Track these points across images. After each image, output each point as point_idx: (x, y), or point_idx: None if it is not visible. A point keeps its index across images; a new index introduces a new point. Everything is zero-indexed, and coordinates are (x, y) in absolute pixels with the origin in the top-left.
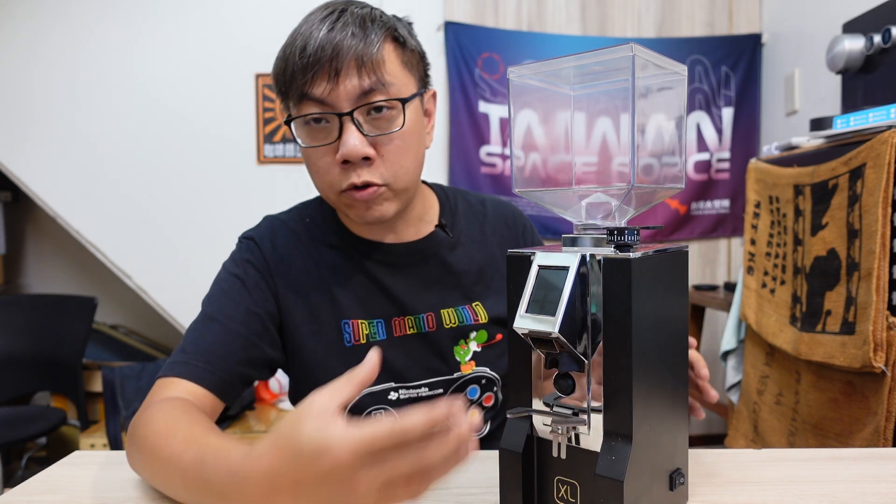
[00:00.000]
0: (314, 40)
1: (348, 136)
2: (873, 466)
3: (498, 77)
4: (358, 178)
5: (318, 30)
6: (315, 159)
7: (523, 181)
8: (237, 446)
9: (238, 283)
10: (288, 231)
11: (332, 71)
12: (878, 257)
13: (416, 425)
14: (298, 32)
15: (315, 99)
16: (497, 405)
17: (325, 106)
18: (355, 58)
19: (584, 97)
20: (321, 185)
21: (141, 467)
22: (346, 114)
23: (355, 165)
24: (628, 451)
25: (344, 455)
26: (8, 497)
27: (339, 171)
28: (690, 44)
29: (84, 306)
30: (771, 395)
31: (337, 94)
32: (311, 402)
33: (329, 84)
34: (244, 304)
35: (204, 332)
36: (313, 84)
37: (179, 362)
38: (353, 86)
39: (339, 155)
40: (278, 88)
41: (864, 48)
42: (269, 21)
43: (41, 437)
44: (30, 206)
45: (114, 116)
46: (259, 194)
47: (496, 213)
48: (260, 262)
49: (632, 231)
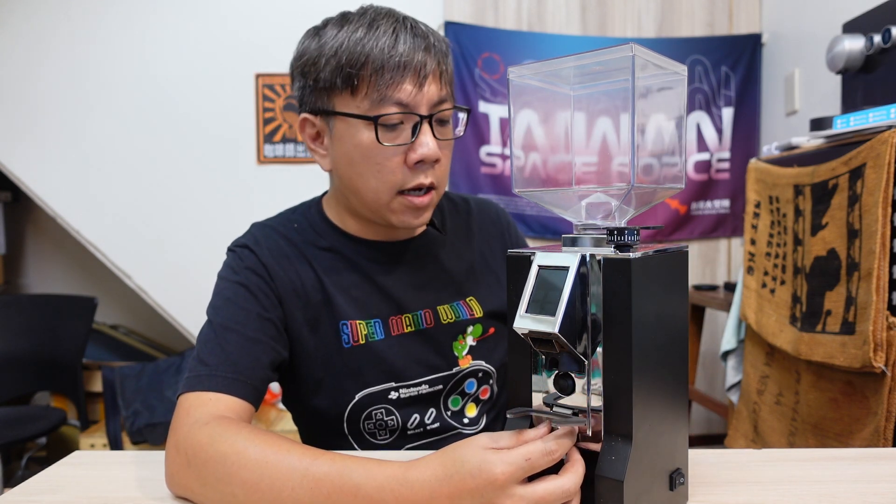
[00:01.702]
0: (403, 43)
1: (427, 138)
2: (873, 466)
3: (498, 77)
4: (426, 178)
5: (403, 34)
6: (383, 158)
7: (523, 181)
8: (384, 458)
9: (243, 290)
10: (279, 236)
11: (420, 75)
12: (878, 257)
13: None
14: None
15: (399, 102)
16: (493, 397)
17: (407, 108)
18: (438, 68)
19: (584, 97)
20: (379, 184)
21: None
22: (426, 117)
23: (425, 167)
24: (628, 451)
25: (500, 470)
26: (8, 497)
27: (408, 172)
28: (690, 44)
29: (84, 306)
30: (771, 395)
31: (420, 98)
32: (478, 437)
33: (415, 89)
34: (254, 311)
35: (222, 342)
36: (400, 86)
37: (206, 375)
38: (434, 93)
39: (417, 155)
40: (335, 81)
41: (864, 48)
42: (269, 21)
43: (41, 437)
44: (30, 206)
45: (114, 116)
46: (259, 194)
47: (480, 210)
48: (259, 268)
49: (632, 231)
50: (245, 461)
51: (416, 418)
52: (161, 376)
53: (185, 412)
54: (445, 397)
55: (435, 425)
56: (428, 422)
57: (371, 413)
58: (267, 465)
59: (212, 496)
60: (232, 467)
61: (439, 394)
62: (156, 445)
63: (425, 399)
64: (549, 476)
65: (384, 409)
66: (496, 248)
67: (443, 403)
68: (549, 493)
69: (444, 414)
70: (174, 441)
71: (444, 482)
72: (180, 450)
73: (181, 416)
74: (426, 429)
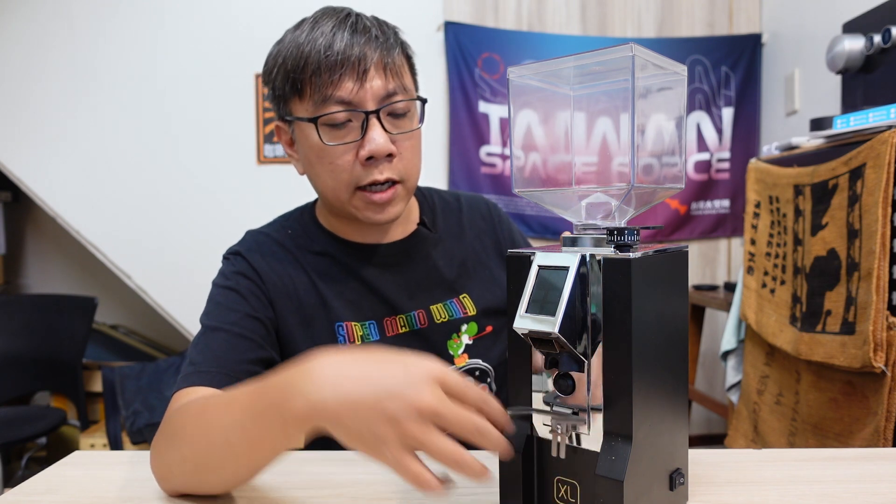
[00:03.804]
0: (340, 41)
1: (375, 134)
2: (873, 466)
3: (498, 77)
4: (381, 174)
5: (340, 30)
6: (334, 157)
7: (523, 181)
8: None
9: (233, 293)
10: (272, 242)
11: (360, 71)
12: (878, 257)
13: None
14: (314, 33)
15: (341, 100)
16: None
17: (350, 106)
18: (381, 60)
19: (584, 97)
20: (335, 183)
21: (180, 448)
22: (372, 112)
23: (378, 163)
24: (628, 451)
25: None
26: (8, 497)
27: (360, 169)
28: (690, 44)
29: (84, 306)
30: (771, 395)
31: (364, 94)
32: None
33: (356, 85)
34: (243, 311)
35: (209, 342)
36: (340, 84)
37: (192, 374)
38: (379, 87)
39: (366, 151)
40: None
41: (864, 48)
42: (269, 21)
43: (41, 437)
44: (30, 206)
45: (114, 116)
46: (259, 194)
47: (471, 207)
48: (250, 273)
49: (632, 231)
50: (187, 417)
51: None
52: (161, 376)
53: (169, 408)
54: None
55: None
56: None
57: None
58: (201, 415)
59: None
60: (178, 428)
61: None
62: None
63: None
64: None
65: None
66: (488, 244)
67: None
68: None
69: None
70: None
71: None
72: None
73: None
74: None
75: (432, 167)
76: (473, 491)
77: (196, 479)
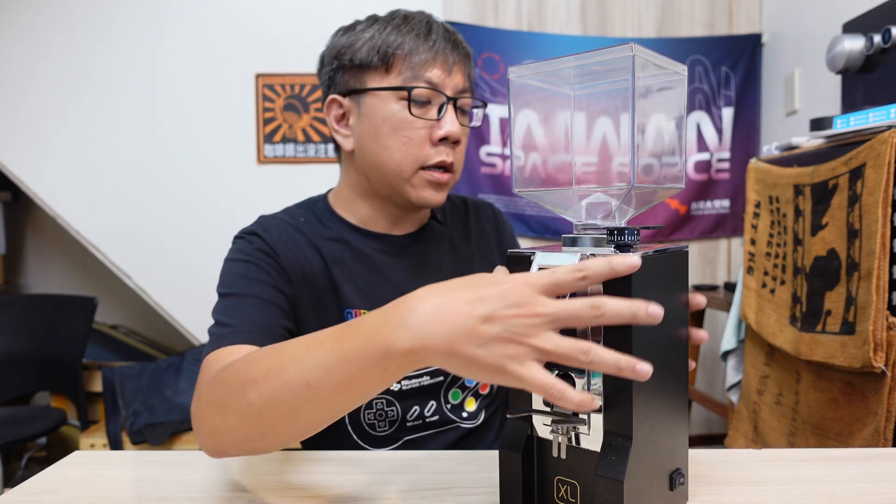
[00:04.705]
0: (437, 31)
1: (452, 118)
2: (873, 466)
3: (498, 77)
4: (448, 157)
5: (437, 25)
6: (410, 131)
7: (523, 181)
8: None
9: (253, 266)
10: (285, 226)
11: (450, 61)
12: (878, 257)
13: (595, 264)
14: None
15: (430, 81)
16: (492, 392)
17: (435, 87)
18: (462, 60)
19: (584, 97)
20: (403, 157)
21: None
22: (453, 98)
23: (448, 146)
24: (628, 451)
25: (525, 278)
26: (8, 497)
27: (431, 148)
28: (690, 44)
29: (84, 306)
30: (771, 395)
31: (448, 82)
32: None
33: (444, 73)
34: (266, 282)
35: (238, 307)
36: (433, 66)
37: (228, 334)
38: (459, 81)
39: (443, 132)
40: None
41: (864, 48)
42: (269, 21)
43: (41, 437)
44: (30, 206)
45: (114, 116)
46: (259, 194)
47: (477, 210)
48: (268, 250)
49: (632, 231)
50: (251, 363)
51: (416, 410)
52: (161, 376)
53: (206, 370)
54: (446, 389)
55: (434, 418)
56: (427, 414)
57: (372, 402)
58: (273, 357)
59: (232, 422)
60: (242, 374)
61: (440, 385)
62: (156, 445)
63: (426, 390)
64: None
65: (385, 399)
66: (493, 246)
67: (443, 396)
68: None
69: (444, 407)
70: (197, 396)
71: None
72: (201, 398)
73: (203, 374)
74: (425, 421)
75: None
76: (473, 491)
77: (262, 428)
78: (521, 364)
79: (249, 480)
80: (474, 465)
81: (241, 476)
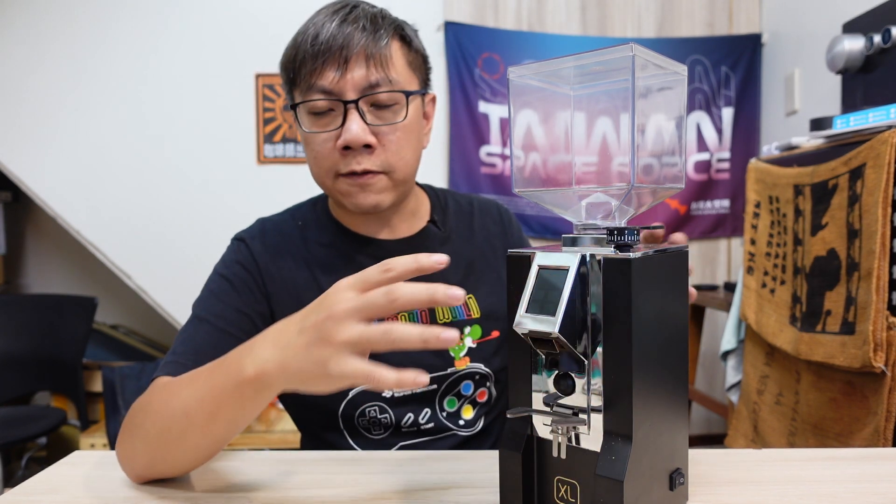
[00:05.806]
0: (326, 31)
1: (351, 123)
2: (873, 466)
3: (498, 77)
4: (358, 165)
5: (330, 21)
6: (316, 144)
7: (523, 181)
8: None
9: (226, 283)
10: (279, 232)
11: (340, 61)
12: (878, 257)
13: (402, 260)
14: (311, 23)
15: (323, 89)
16: (491, 401)
17: (332, 95)
18: (364, 50)
19: (584, 97)
20: (319, 170)
21: (142, 426)
22: (350, 102)
23: (356, 153)
24: (628, 451)
25: (339, 282)
26: (8, 497)
27: (339, 157)
28: (690, 44)
29: (84, 306)
30: (771, 395)
31: (344, 83)
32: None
33: (337, 74)
34: (233, 304)
35: (193, 333)
36: (322, 73)
37: (170, 362)
38: (361, 77)
39: (341, 141)
40: (286, 76)
41: (864, 48)
42: (268, 21)
43: (41, 437)
44: (30, 206)
45: (114, 117)
46: (259, 194)
47: (483, 210)
48: (249, 263)
49: (632, 231)
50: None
51: (409, 417)
52: None
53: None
54: (441, 398)
55: (430, 425)
56: (422, 421)
57: (364, 410)
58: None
59: (138, 447)
60: (145, 404)
61: (434, 393)
62: None
63: (419, 398)
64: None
65: (378, 406)
66: (498, 247)
67: (438, 404)
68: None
69: (440, 415)
70: (123, 421)
71: (295, 318)
72: (120, 425)
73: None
74: (420, 428)
75: (432, 167)
76: (473, 491)
77: (159, 455)
78: (338, 363)
79: (249, 480)
80: (474, 465)
81: (241, 476)
